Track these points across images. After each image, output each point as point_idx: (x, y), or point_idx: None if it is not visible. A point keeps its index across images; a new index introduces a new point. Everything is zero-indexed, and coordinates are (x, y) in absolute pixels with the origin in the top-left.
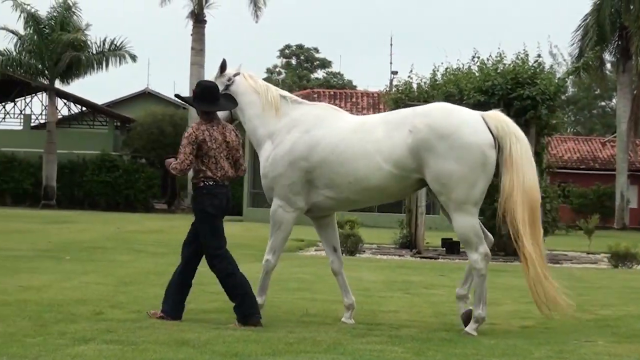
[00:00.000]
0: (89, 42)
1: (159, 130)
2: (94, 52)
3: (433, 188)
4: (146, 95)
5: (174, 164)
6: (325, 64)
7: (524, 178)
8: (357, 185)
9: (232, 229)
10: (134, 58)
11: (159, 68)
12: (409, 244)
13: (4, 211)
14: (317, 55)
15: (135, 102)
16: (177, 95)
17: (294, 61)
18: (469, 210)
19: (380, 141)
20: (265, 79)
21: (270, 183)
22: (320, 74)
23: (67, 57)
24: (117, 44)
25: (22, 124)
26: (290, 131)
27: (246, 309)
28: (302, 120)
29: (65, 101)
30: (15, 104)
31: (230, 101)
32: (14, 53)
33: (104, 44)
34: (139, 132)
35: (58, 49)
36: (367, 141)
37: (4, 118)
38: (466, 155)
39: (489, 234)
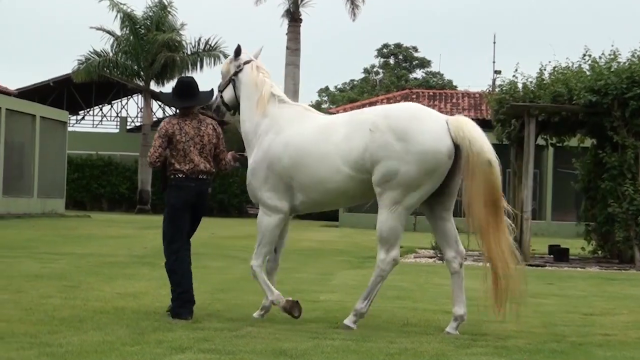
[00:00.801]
0: (183, 43)
1: None
2: (189, 52)
3: (373, 180)
4: None
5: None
6: (424, 63)
7: (482, 182)
8: (320, 187)
9: (328, 235)
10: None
11: None
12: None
13: (101, 216)
14: (415, 55)
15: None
16: (159, 95)
17: (392, 61)
18: (399, 212)
19: (340, 142)
20: (363, 79)
21: (255, 192)
22: (419, 73)
23: (162, 58)
24: (212, 44)
25: (118, 126)
26: (268, 133)
27: (177, 307)
28: (276, 122)
29: (160, 103)
30: (111, 106)
31: (207, 95)
32: (111, 54)
33: (198, 44)
34: (232, 135)
35: (153, 50)
36: (328, 142)
37: (100, 121)
38: (421, 160)
39: (460, 245)
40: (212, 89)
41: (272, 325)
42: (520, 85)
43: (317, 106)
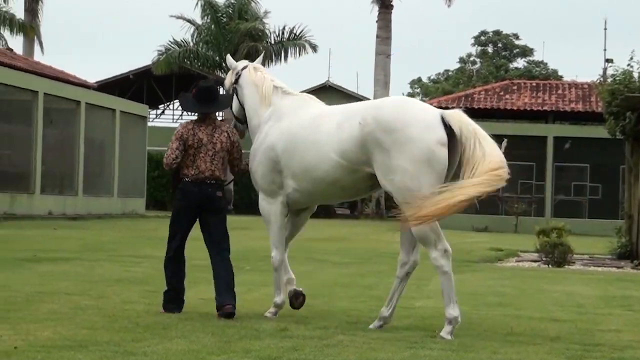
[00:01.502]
0: (267, 31)
1: None
2: (273, 41)
3: (381, 183)
4: (327, 89)
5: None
6: (526, 51)
7: (487, 187)
8: (310, 175)
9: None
10: (314, 48)
11: (341, 58)
12: (629, 254)
13: None
14: (516, 42)
15: (316, 96)
16: (179, 98)
17: (490, 49)
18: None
19: (331, 131)
20: (458, 70)
21: (254, 175)
22: (520, 62)
23: (245, 48)
24: (297, 33)
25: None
26: (268, 121)
27: (165, 302)
28: (278, 110)
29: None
30: None
31: (226, 101)
32: (191, 44)
33: (282, 33)
34: None
35: (235, 39)
36: (320, 131)
37: (181, 115)
38: (409, 150)
39: (417, 255)
40: (231, 95)
41: (364, 333)
42: (636, 75)
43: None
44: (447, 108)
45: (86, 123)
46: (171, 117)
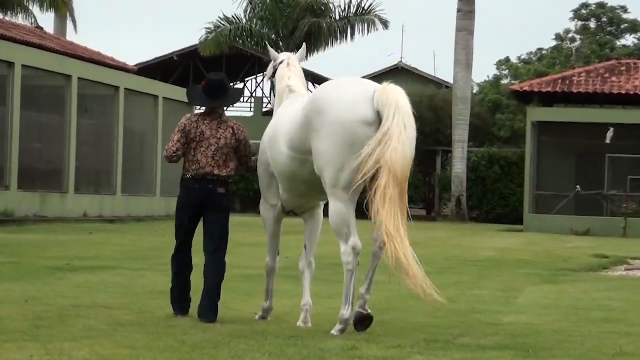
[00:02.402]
0: (330, 6)
1: (417, 115)
2: (337, 17)
3: (317, 172)
4: (399, 71)
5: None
6: (636, 27)
7: (393, 152)
8: (277, 170)
9: (510, 242)
10: (385, 24)
11: (416, 36)
12: None
13: (233, 218)
14: (624, 17)
15: (386, 80)
16: (187, 91)
17: (592, 24)
18: (338, 195)
19: (285, 123)
20: (554, 48)
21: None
22: (629, 40)
23: (306, 25)
24: (365, 7)
25: (252, 109)
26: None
27: (171, 300)
28: (278, 111)
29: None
30: (245, 84)
31: (236, 96)
32: (244, 21)
33: (348, 7)
34: None
35: (295, 15)
36: (281, 124)
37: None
38: (335, 133)
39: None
40: (242, 89)
41: (445, 353)
42: None
43: (496, 81)
44: (540, 92)
45: (125, 112)
46: None
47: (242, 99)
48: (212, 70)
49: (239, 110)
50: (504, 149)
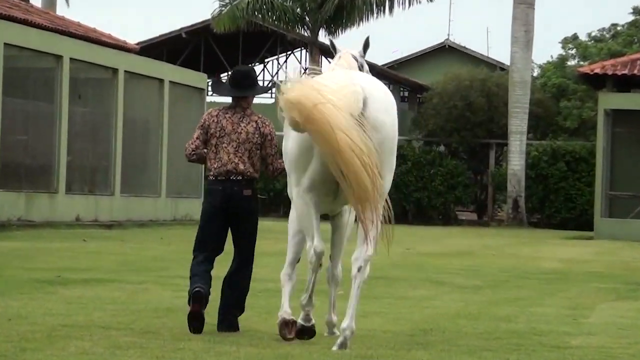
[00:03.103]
0: None
1: (465, 102)
2: None
3: None
4: (446, 51)
5: None
6: None
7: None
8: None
9: (579, 251)
10: None
11: (466, 10)
12: None
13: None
14: None
15: (430, 60)
16: (212, 85)
17: None
18: (300, 195)
19: None
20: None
21: None
22: None
23: None
24: None
25: (273, 95)
26: None
27: (188, 298)
28: None
29: (331, 60)
30: (265, 66)
31: (261, 89)
32: None
33: None
34: (435, 106)
35: None
36: None
37: None
38: (285, 130)
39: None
40: (270, 84)
41: None
42: None
43: (561, 62)
44: (614, 75)
45: (125, 98)
46: None
47: (263, 84)
48: (226, 49)
49: (259, 97)
50: (570, 142)
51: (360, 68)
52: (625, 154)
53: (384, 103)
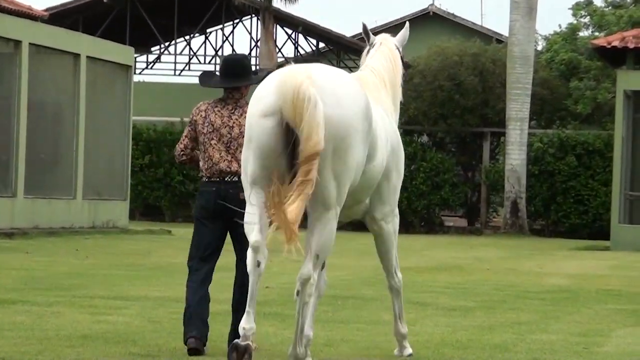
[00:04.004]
0: None
1: (454, 81)
2: None
3: None
4: (430, 19)
5: None
6: None
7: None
8: None
9: (591, 264)
10: None
11: None
12: None
13: (190, 231)
14: None
15: (412, 31)
16: (202, 76)
17: None
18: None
19: None
20: None
21: None
22: None
23: None
24: None
25: (217, 70)
26: None
27: (184, 322)
28: None
29: (289, 31)
30: (207, 38)
31: (257, 78)
32: None
33: None
34: (417, 87)
35: None
36: None
37: (188, 63)
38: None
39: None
40: (267, 71)
41: None
42: None
43: (571, 33)
44: (636, 49)
45: (31, 77)
46: (172, 66)
47: (205, 59)
48: (159, 17)
49: (195, 73)
50: (582, 131)
51: (402, 59)
52: None
53: (332, 94)
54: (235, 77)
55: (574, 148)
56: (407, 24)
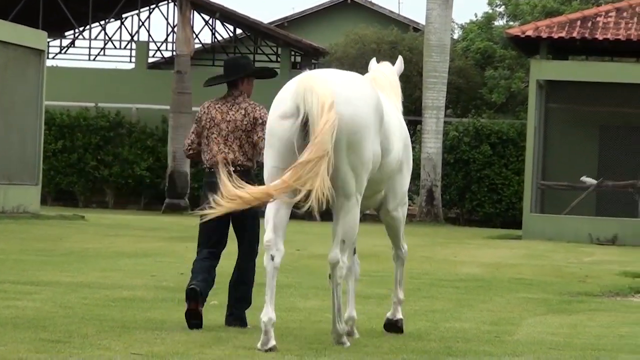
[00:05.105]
0: None
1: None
2: None
3: None
4: (348, 6)
5: None
6: None
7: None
8: None
9: (504, 253)
10: None
11: None
12: None
13: (104, 217)
14: None
15: (329, 18)
16: (209, 79)
17: None
18: None
19: None
20: None
21: None
22: None
23: None
24: None
25: (133, 59)
26: None
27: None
28: None
29: (206, 18)
30: (122, 24)
31: (257, 70)
32: None
33: None
34: None
35: None
36: None
37: (102, 48)
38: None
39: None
40: (271, 69)
41: None
42: None
43: (487, 22)
44: (550, 39)
45: None
46: (87, 51)
47: (121, 45)
48: (72, 2)
49: (115, 60)
50: (496, 120)
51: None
52: (562, 135)
53: (343, 94)
54: (230, 74)
55: (489, 137)
56: (400, 57)
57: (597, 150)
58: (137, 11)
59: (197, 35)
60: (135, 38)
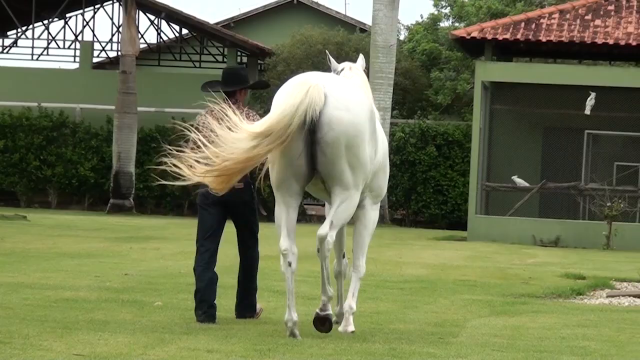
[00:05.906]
0: None
1: (317, 70)
2: None
3: None
4: (294, 7)
5: None
6: None
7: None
8: None
9: (449, 254)
10: None
11: None
12: None
13: (46, 217)
14: None
15: (275, 18)
16: (205, 84)
17: None
18: (275, 197)
19: None
20: None
21: None
22: None
23: None
24: None
25: (76, 59)
26: None
27: (195, 308)
28: None
29: (152, 18)
30: (66, 23)
31: (254, 83)
32: None
33: None
34: (281, 74)
35: None
36: None
37: (46, 48)
38: None
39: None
40: (267, 81)
41: None
42: None
43: (432, 24)
44: (495, 40)
45: None
46: (30, 51)
47: (65, 45)
48: (15, 1)
49: (59, 60)
50: (442, 122)
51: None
52: (505, 137)
53: (343, 101)
54: (229, 84)
55: (434, 138)
56: (362, 55)
57: (540, 151)
58: (81, 11)
59: (142, 35)
60: (80, 38)
